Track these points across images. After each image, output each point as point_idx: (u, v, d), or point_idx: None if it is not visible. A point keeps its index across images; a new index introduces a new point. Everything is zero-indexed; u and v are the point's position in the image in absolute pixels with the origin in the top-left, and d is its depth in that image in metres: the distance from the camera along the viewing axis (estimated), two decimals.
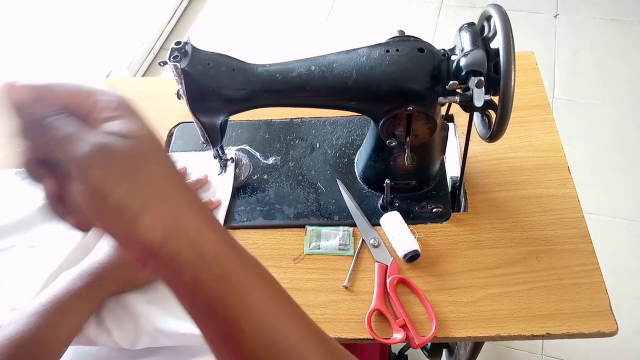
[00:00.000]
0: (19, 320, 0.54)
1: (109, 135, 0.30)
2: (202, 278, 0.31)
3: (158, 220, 0.30)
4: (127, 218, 0.29)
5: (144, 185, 0.30)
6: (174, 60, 0.58)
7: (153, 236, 0.29)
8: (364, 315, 0.61)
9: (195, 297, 0.32)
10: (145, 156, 0.31)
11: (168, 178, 0.31)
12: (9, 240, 0.71)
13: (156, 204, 0.30)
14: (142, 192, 0.30)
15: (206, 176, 0.74)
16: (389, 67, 0.58)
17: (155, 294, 0.64)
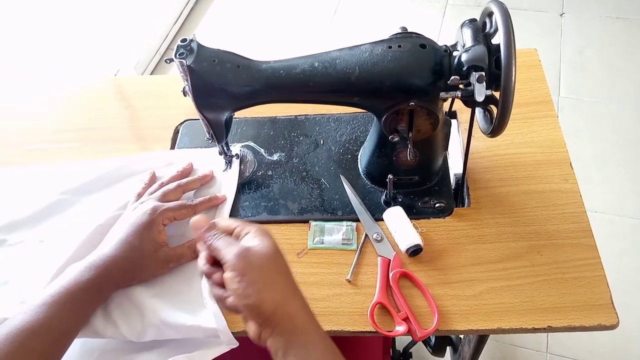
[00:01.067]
0: (28, 310, 0.55)
1: (247, 244, 0.49)
2: (292, 341, 0.47)
3: (272, 297, 0.47)
4: (254, 291, 0.47)
5: (266, 274, 0.48)
6: (180, 57, 0.59)
7: (267, 307, 0.46)
8: (366, 308, 0.61)
9: (286, 355, 0.47)
10: (268, 256, 0.49)
11: (281, 272, 0.50)
12: (18, 235, 0.73)
13: (272, 286, 0.48)
14: (265, 278, 0.48)
15: (212, 172, 0.75)
16: (391, 63, 0.58)
17: (161, 288, 0.65)
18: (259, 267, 0.48)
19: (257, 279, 0.47)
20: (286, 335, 0.47)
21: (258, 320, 0.47)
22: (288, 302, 0.48)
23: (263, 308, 0.46)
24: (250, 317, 0.48)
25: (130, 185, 0.76)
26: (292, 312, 0.47)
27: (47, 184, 0.77)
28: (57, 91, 0.93)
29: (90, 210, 0.74)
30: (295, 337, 0.47)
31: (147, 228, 0.63)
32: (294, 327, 0.47)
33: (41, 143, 0.84)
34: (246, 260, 0.48)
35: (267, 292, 0.47)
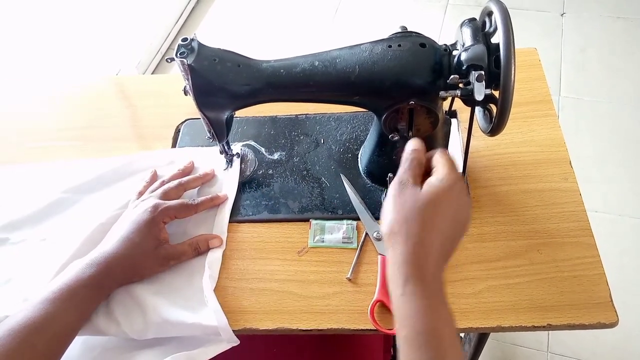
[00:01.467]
0: (30, 307, 0.55)
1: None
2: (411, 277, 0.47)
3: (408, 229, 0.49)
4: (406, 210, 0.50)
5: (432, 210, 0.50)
6: (181, 56, 0.60)
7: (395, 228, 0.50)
8: (367, 306, 0.62)
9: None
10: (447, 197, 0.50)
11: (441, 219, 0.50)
12: (20, 234, 0.73)
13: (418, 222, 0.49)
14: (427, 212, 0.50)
15: (213, 170, 0.75)
16: (391, 62, 0.59)
17: (163, 285, 0.65)
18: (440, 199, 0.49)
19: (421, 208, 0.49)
20: (409, 268, 0.47)
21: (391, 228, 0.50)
22: (425, 247, 0.48)
23: (393, 226, 0.50)
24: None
25: (132, 184, 0.76)
26: (425, 255, 0.48)
27: (48, 183, 0.78)
28: (59, 90, 0.93)
29: (92, 209, 0.74)
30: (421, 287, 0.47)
31: (148, 225, 0.63)
32: (420, 268, 0.47)
33: (43, 142, 0.85)
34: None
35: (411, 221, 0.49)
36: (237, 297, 0.64)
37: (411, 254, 0.48)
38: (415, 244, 0.48)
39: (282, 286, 0.64)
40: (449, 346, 0.45)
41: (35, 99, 0.93)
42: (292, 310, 0.62)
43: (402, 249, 0.48)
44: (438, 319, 0.46)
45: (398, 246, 0.48)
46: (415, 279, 0.47)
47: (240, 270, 0.66)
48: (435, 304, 0.47)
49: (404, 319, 0.46)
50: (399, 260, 0.48)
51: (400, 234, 0.49)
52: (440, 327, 0.45)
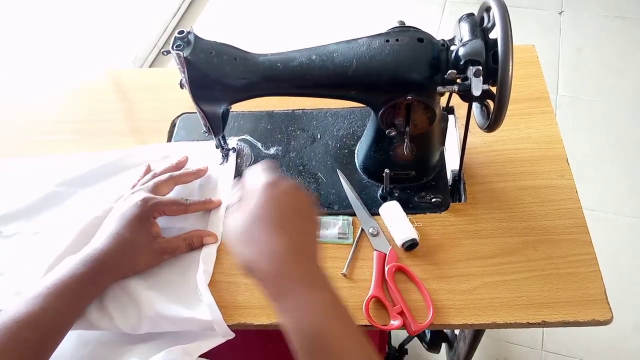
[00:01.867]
0: (23, 302, 0.55)
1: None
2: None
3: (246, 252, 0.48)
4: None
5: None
6: (177, 48, 0.59)
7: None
8: (362, 302, 0.61)
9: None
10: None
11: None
12: (13, 227, 0.73)
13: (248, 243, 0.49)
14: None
15: (207, 167, 0.74)
16: (388, 56, 0.58)
17: (157, 280, 0.65)
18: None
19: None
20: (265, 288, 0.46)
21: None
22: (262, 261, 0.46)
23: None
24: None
25: (126, 178, 0.75)
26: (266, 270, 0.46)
27: (43, 176, 0.77)
28: (55, 84, 0.93)
29: (86, 203, 0.74)
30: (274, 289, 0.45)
31: (138, 220, 0.63)
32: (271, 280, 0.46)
33: (39, 135, 0.84)
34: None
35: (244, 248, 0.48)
36: (231, 292, 0.64)
37: (266, 274, 0.46)
38: (272, 249, 0.46)
39: None
40: (339, 345, 0.43)
41: (32, 93, 0.92)
42: None
43: (258, 272, 0.47)
44: (323, 317, 0.44)
45: (253, 273, 0.47)
46: (289, 282, 0.45)
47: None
48: (316, 301, 0.45)
49: (291, 328, 0.44)
50: (267, 271, 0.46)
51: (250, 261, 0.47)
52: (327, 325, 0.44)
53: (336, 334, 0.43)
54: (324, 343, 0.43)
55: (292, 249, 0.46)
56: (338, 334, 0.43)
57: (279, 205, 0.49)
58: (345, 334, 0.44)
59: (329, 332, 0.43)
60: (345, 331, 0.44)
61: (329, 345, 0.42)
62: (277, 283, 0.45)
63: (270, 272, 0.46)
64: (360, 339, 0.44)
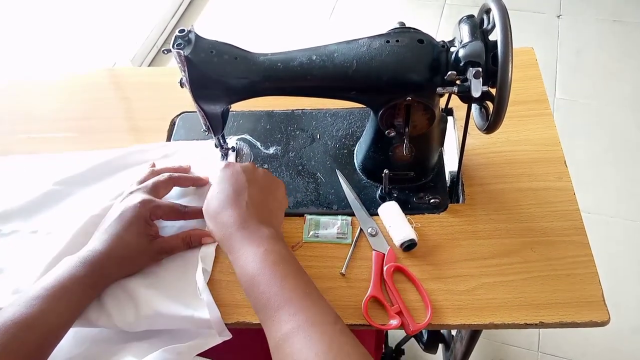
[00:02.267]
0: (22, 302, 0.54)
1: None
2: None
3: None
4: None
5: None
6: (178, 47, 0.59)
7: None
8: (360, 302, 0.61)
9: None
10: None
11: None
12: (11, 226, 0.72)
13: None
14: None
15: (208, 178, 0.73)
16: (388, 57, 0.58)
17: (155, 278, 0.65)
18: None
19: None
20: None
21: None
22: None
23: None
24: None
25: (125, 177, 0.75)
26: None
27: (41, 174, 0.77)
28: (54, 82, 0.93)
29: (84, 202, 0.73)
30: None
31: (136, 223, 0.62)
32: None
33: (36, 132, 0.84)
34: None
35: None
36: (230, 290, 0.64)
37: (220, 237, 0.59)
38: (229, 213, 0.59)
39: None
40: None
41: (31, 90, 0.92)
42: None
43: (216, 237, 0.60)
44: (260, 264, 0.54)
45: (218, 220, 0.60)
46: (229, 254, 0.58)
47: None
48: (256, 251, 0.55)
49: (238, 273, 0.56)
50: (223, 231, 0.59)
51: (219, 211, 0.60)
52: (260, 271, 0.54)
53: (264, 279, 0.53)
54: (255, 286, 0.53)
55: (239, 218, 0.58)
56: (266, 279, 0.53)
57: (231, 182, 0.62)
58: (274, 278, 0.53)
59: (259, 277, 0.53)
60: (275, 276, 0.53)
61: (258, 289, 0.53)
62: (225, 244, 0.58)
63: (223, 236, 0.58)
64: (292, 282, 0.53)
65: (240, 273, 0.55)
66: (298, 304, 0.51)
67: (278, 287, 0.52)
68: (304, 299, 0.52)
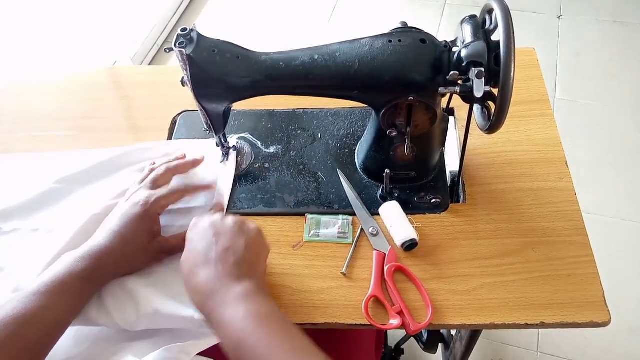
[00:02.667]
0: (21, 298, 0.54)
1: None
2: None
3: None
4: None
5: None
6: (180, 46, 0.59)
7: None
8: (361, 301, 0.61)
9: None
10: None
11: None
12: (12, 224, 0.72)
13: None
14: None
15: (203, 157, 0.74)
16: (391, 57, 0.58)
17: (156, 278, 0.65)
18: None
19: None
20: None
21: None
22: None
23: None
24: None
25: (126, 176, 0.75)
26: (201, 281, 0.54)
27: (42, 173, 0.77)
28: (55, 80, 0.92)
29: (85, 200, 0.73)
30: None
31: (140, 219, 0.62)
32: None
33: (37, 131, 0.84)
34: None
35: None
36: None
37: (196, 305, 0.55)
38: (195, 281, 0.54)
39: (277, 280, 0.64)
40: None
41: (31, 89, 0.92)
42: (287, 304, 0.62)
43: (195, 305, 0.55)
44: (243, 332, 0.49)
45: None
46: (208, 322, 0.53)
47: None
48: (234, 319, 0.50)
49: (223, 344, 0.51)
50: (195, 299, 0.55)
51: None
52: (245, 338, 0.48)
53: (247, 344, 0.48)
54: (241, 354, 0.48)
55: (210, 280, 0.53)
56: (249, 344, 0.48)
57: (199, 241, 0.57)
58: (259, 341, 0.48)
59: (242, 342, 0.48)
60: (259, 339, 0.48)
61: (244, 356, 0.48)
62: (203, 311, 0.53)
63: (198, 303, 0.54)
64: (276, 341, 0.48)
65: (223, 341, 0.51)
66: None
67: (263, 349, 0.48)
68: (290, 354, 0.48)
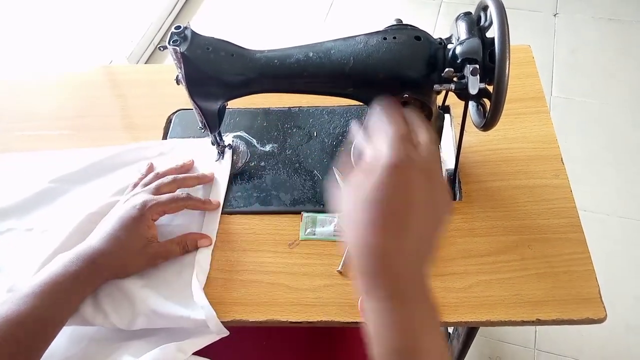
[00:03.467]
0: (15, 299, 0.54)
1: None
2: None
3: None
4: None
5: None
6: (174, 44, 0.59)
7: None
8: (357, 299, 0.61)
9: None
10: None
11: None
12: (6, 224, 0.72)
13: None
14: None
15: (212, 174, 0.73)
16: (385, 54, 0.58)
17: (151, 278, 0.64)
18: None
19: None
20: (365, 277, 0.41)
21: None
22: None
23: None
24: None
25: (121, 176, 0.75)
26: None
27: (36, 172, 0.77)
28: (49, 79, 0.92)
29: (80, 200, 0.73)
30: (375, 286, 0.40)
31: (135, 223, 0.62)
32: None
33: (32, 130, 0.84)
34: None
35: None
36: (227, 288, 0.64)
37: (379, 259, 0.40)
38: (382, 248, 0.40)
39: (273, 278, 0.64)
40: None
41: (27, 88, 0.91)
42: (283, 302, 0.62)
43: (368, 254, 0.40)
44: (416, 334, 0.39)
45: (362, 250, 0.41)
46: (386, 289, 0.39)
47: (230, 262, 0.66)
48: (413, 317, 0.40)
49: (376, 334, 0.40)
50: (365, 268, 0.41)
51: (362, 235, 0.41)
52: (420, 344, 0.39)
53: (425, 354, 0.39)
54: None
55: (394, 252, 0.40)
56: (428, 354, 0.39)
57: (397, 196, 0.41)
58: (434, 353, 0.39)
59: (416, 350, 0.39)
60: (434, 351, 0.39)
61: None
62: (370, 283, 0.40)
63: (366, 269, 0.40)
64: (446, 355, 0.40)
65: (385, 330, 0.40)
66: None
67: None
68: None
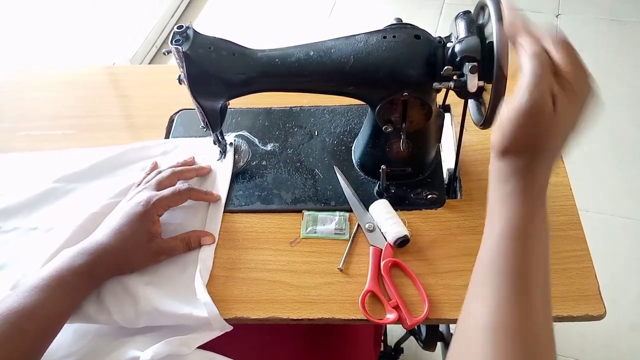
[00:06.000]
0: (20, 293, 0.55)
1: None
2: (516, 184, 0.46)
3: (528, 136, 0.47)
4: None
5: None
6: (176, 43, 0.60)
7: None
8: (358, 297, 0.62)
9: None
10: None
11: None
12: (11, 223, 0.73)
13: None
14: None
15: (210, 166, 0.75)
16: (385, 52, 0.59)
17: (154, 276, 0.65)
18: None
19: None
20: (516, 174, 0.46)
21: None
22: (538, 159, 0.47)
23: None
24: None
25: (124, 175, 0.76)
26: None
27: (40, 172, 0.77)
28: (53, 79, 0.93)
29: (84, 199, 0.74)
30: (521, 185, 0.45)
31: (140, 219, 0.63)
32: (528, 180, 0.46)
33: (36, 130, 0.85)
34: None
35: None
36: (229, 286, 0.64)
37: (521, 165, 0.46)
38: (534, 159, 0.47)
39: (274, 276, 0.65)
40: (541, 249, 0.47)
41: (30, 88, 0.92)
42: (284, 299, 0.62)
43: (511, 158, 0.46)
44: (535, 219, 0.46)
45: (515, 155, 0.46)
46: (521, 190, 0.46)
47: (232, 260, 0.66)
48: (537, 200, 0.47)
49: (501, 215, 0.46)
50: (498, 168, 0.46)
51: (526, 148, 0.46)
52: (536, 233, 0.47)
53: (535, 244, 0.46)
54: (525, 237, 0.46)
55: (550, 158, 0.49)
56: (536, 248, 0.47)
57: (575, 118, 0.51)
58: (542, 255, 0.47)
59: (530, 238, 0.46)
60: (543, 253, 0.47)
61: (526, 242, 0.46)
62: (519, 179, 0.46)
63: (523, 169, 0.46)
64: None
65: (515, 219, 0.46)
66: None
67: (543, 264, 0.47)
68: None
